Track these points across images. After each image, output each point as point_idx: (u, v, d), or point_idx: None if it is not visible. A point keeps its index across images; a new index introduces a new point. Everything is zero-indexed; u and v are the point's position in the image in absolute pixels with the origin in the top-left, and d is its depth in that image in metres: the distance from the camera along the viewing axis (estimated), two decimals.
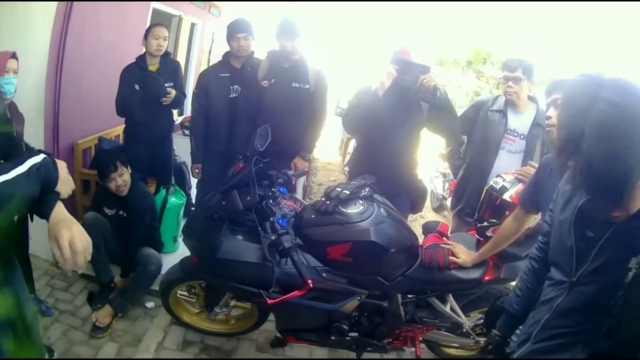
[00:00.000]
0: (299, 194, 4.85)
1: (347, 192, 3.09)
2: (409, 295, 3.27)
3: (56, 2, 4.53)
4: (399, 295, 3.19)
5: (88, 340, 3.94)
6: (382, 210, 3.10)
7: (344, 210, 3.03)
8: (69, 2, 4.65)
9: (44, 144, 4.78)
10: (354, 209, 3.03)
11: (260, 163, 3.17)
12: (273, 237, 2.83)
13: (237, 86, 4.74)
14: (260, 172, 3.17)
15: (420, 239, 3.44)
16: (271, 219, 2.95)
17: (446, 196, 8.16)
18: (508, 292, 3.13)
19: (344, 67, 14.65)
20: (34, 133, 4.35)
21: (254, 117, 4.55)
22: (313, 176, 9.09)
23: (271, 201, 3.16)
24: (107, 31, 5.73)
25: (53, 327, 4.05)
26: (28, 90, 4.42)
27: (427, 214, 7.81)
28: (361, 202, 3.11)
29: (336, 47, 15.53)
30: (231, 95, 4.76)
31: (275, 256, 2.83)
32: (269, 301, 2.83)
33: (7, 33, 4.22)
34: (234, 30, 4.61)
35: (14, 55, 3.47)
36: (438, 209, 8.58)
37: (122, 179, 4.22)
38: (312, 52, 4.87)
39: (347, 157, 9.77)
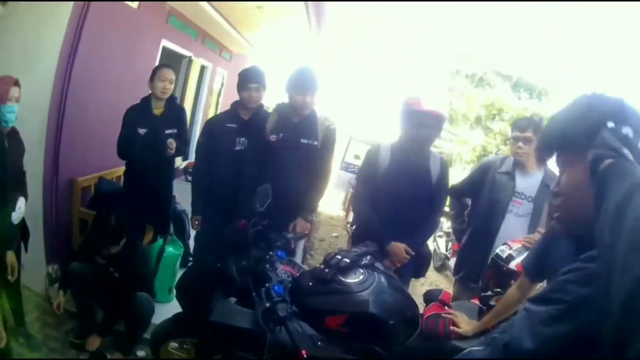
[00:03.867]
0: (299, 255, 4.77)
1: (347, 261, 2.98)
2: None
3: (64, 33, 4.47)
4: None
5: None
6: (382, 279, 2.99)
7: (343, 279, 2.92)
8: (77, 35, 4.59)
9: (43, 176, 4.68)
10: (354, 278, 2.93)
11: (258, 225, 3.11)
12: (268, 304, 2.74)
13: (244, 139, 4.57)
14: (258, 234, 3.09)
15: (421, 306, 3.32)
16: (267, 285, 2.85)
17: (449, 256, 8.08)
18: None
19: (355, 117, 14.72)
20: (33, 163, 4.24)
21: (259, 172, 4.36)
22: (315, 232, 8.98)
23: (268, 266, 3.06)
24: (115, 67, 5.68)
25: None
26: (31, 121, 4.32)
27: (430, 274, 7.65)
28: (362, 270, 3.00)
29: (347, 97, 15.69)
30: (237, 148, 4.57)
31: (269, 323, 2.72)
32: None
33: (15, 63, 4.15)
34: (247, 80, 4.44)
35: (16, 83, 3.42)
36: (440, 268, 8.49)
37: (116, 248, 4.06)
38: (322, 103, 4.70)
39: (350, 214, 9.62)
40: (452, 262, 6.86)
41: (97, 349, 4.12)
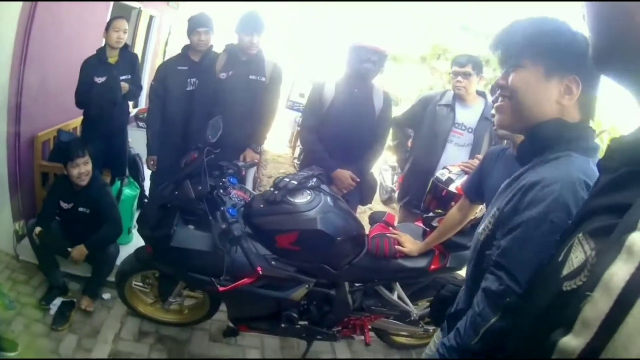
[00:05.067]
0: (249, 186, 4.81)
1: (295, 183, 3.14)
2: (357, 284, 3.34)
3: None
4: (347, 284, 3.27)
5: (49, 332, 3.94)
6: (329, 199, 3.16)
7: (292, 200, 3.08)
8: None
9: (6, 137, 4.71)
10: (302, 199, 3.09)
11: (211, 154, 3.20)
12: (223, 226, 2.87)
13: (194, 79, 4.75)
14: (212, 162, 3.19)
15: (367, 229, 3.47)
16: (221, 208, 2.98)
17: (395, 189, 8.25)
18: (454, 281, 3.15)
19: (300, 59, 14.69)
20: None
21: (211, 110, 4.46)
22: (263, 168, 9.15)
23: (221, 191, 3.19)
24: (69, 24, 5.66)
25: (16, 321, 4.04)
26: None
27: (376, 207, 7.86)
28: (309, 192, 3.16)
29: (293, 40, 15.57)
30: (188, 88, 4.76)
31: (225, 244, 2.87)
32: (220, 288, 2.88)
33: None
34: (195, 25, 4.64)
35: None
36: (387, 201, 8.71)
37: (86, 167, 4.17)
38: (270, 45, 4.84)
39: (297, 150, 9.96)
40: (397, 194, 7.09)
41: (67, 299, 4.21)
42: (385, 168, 8.83)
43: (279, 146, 11.49)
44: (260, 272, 2.76)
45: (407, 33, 14.79)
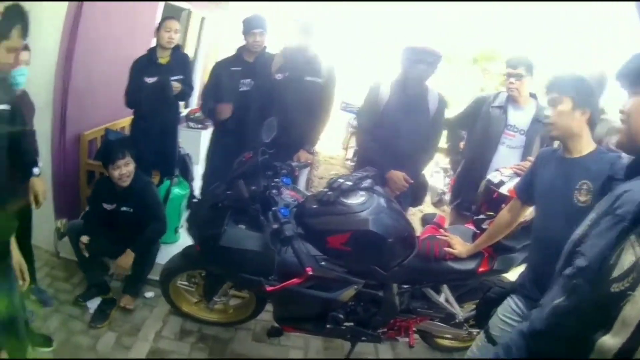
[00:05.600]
0: (301, 187, 4.95)
1: (349, 183, 3.19)
2: (405, 286, 3.37)
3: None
4: (395, 285, 3.29)
5: (87, 329, 4.02)
6: (382, 201, 3.19)
7: (345, 200, 3.12)
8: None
9: (51, 134, 4.86)
10: (355, 200, 3.13)
11: (266, 154, 3.28)
12: (275, 226, 2.92)
13: (249, 80, 4.85)
14: (266, 163, 3.28)
15: (418, 231, 3.53)
16: (274, 208, 3.05)
17: (446, 191, 8.27)
18: (500, 283, 3.11)
19: (353, 63, 14.79)
20: (42, 123, 4.43)
21: (265, 110, 4.56)
22: (315, 170, 9.16)
23: (274, 191, 3.28)
24: (117, 24, 5.78)
25: (53, 317, 4.12)
26: (39, 81, 4.50)
27: (427, 209, 7.87)
28: (362, 193, 3.19)
29: (346, 44, 15.66)
30: (242, 89, 4.85)
31: (276, 244, 2.92)
32: (268, 288, 2.95)
33: None
34: (251, 26, 4.75)
35: (26, 47, 3.57)
36: (438, 203, 8.67)
37: (127, 168, 4.23)
38: (325, 48, 5.03)
39: (350, 152, 10.06)
40: (448, 197, 7.08)
41: (108, 298, 4.33)
42: (436, 170, 8.82)
43: (331, 147, 11.52)
44: (310, 273, 2.84)
45: (459, 34, 14.86)
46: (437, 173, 8.76)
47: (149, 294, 4.58)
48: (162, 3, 7.01)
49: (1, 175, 2.17)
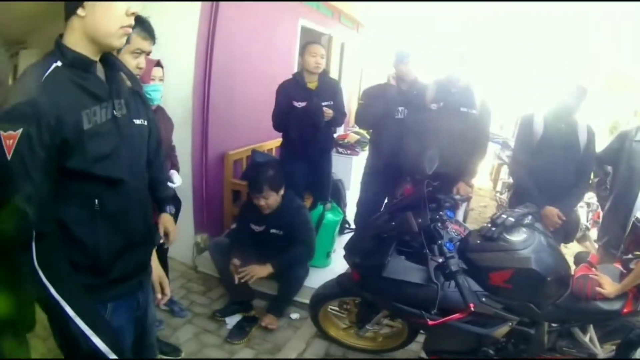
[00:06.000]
0: (459, 217, 5.08)
1: (512, 220, 3.35)
2: (554, 324, 3.51)
3: (199, 12, 5.11)
4: (546, 324, 3.45)
5: (222, 344, 4.36)
6: (542, 238, 3.34)
7: (508, 237, 3.30)
8: (213, 13, 5.24)
9: (192, 151, 5.31)
10: (518, 237, 3.30)
11: (430, 186, 3.43)
12: (440, 260, 3.10)
13: (402, 107, 5.19)
14: (429, 195, 3.40)
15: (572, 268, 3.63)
16: (439, 242, 3.21)
17: (589, 226, 8.30)
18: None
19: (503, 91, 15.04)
20: (181, 139, 4.83)
21: (419, 139, 4.72)
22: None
23: (439, 224, 3.42)
24: (255, 45, 6.23)
25: (184, 328, 4.53)
26: (176, 97, 4.95)
27: (570, 245, 7.67)
28: (524, 229, 3.37)
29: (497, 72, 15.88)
30: (397, 116, 5.19)
31: (439, 278, 3.09)
32: (430, 322, 3.11)
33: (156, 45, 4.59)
34: (404, 55, 5.09)
35: (158, 63, 3.85)
36: (581, 239, 8.51)
37: (266, 201, 4.57)
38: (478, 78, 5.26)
39: (499, 184, 10.12)
40: (592, 232, 7.14)
41: (252, 316, 4.70)
42: (580, 205, 8.32)
43: (478, 179, 11.46)
44: (473, 309, 2.96)
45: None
46: (581, 207, 8.55)
47: (295, 315, 4.83)
48: (299, 26, 7.50)
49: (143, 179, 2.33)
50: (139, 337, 2.36)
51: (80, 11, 1.86)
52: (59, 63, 1.87)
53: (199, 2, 5.15)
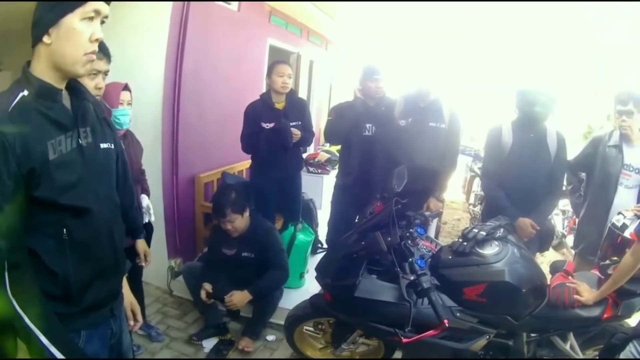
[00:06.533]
0: (431, 233, 5.13)
1: (484, 233, 3.38)
2: (533, 334, 3.52)
3: (167, 33, 5.11)
4: (524, 334, 3.46)
5: None
6: (515, 250, 3.35)
7: (480, 251, 3.32)
8: (182, 34, 5.23)
9: (162, 174, 5.28)
10: (490, 250, 3.32)
11: (399, 204, 3.45)
12: (412, 278, 3.06)
13: (370, 124, 5.16)
14: (398, 212, 3.40)
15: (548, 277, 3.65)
16: (410, 259, 3.16)
17: (566, 234, 8.34)
18: (622, 329, 3.34)
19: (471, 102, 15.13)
20: (151, 162, 4.85)
21: (388, 155, 4.83)
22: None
23: (409, 242, 3.40)
24: (224, 66, 6.23)
25: (162, 352, 4.55)
26: (145, 121, 4.95)
27: (547, 253, 7.59)
28: (496, 242, 3.38)
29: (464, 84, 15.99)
30: (365, 133, 5.15)
31: (412, 296, 3.06)
32: (404, 340, 3.08)
33: (121, 65, 4.35)
34: (373, 72, 5.06)
35: (126, 87, 3.85)
36: (557, 246, 8.61)
37: (232, 224, 4.60)
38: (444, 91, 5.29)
39: (471, 196, 10.19)
40: (568, 239, 7.10)
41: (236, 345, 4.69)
42: (555, 212, 8.57)
43: (451, 192, 11.42)
44: (447, 325, 2.93)
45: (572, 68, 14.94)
46: (557, 215, 8.69)
47: (271, 337, 4.85)
48: (268, 45, 7.55)
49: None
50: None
51: (46, 38, 1.85)
52: (25, 92, 1.86)
53: (168, 23, 5.19)
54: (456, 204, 11.41)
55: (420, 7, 10.49)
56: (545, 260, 4.96)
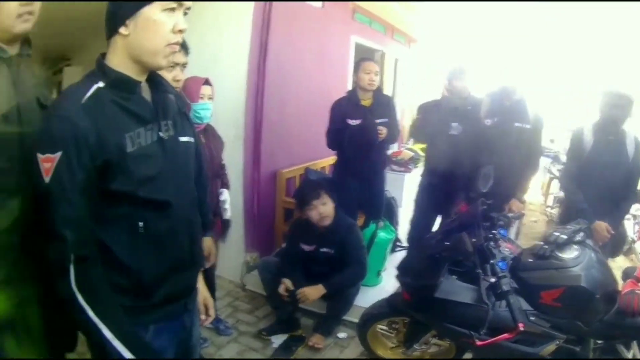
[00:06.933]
0: (511, 235, 5.06)
1: (565, 237, 3.37)
2: (599, 341, 3.49)
3: (250, 29, 5.26)
4: (592, 341, 3.43)
5: None
6: (592, 255, 3.35)
7: (560, 254, 3.32)
8: (264, 30, 5.37)
9: (243, 169, 5.43)
10: (569, 254, 3.32)
11: (484, 204, 3.48)
12: (492, 280, 3.11)
13: (456, 123, 5.16)
14: (483, 213, 3.44)
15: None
16: (491, 261, 3.21)
17: (635, 239, 8.11)
18: None
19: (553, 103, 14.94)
20: (233, 157, 4.96)
21: (474, 155, 4.82)
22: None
23: (492, 243, 3.43)
24: (308, 62, 6.36)
25: (228, 347, 4.57)
26: (227, 116, 5.07)
27: (617, 258, 7.46)
28: (575, 246, 3.38)
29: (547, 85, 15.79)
30: (451, 132, 5.17)
31: (491, 298, 3.10)
32: (479, 343, 3.13)
33: (202, 61, 4.54)
34: (459, 71, 5.16)
35: (207, 82, 3.88)
36: (627, 252, 8.32)
37: (324, 208, 4.56)
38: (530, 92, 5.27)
39: (549, 198, 10.08)
40: (638, 245, 7.02)
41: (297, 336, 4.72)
42: (627, 217, 7.97)
43: (529, 193, 11.19)
44: (522, 329, 2.94)
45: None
46: (628, 220, 8.06)
47: (342, 335, 4.81)
48: (352, 43, 7.64)
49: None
50: (181, 358, 2.31)
51: (122, 30, 1.83)
52: (100, 84, 1.85)
53: (250, 19, 5.32)
54: (534, 205, 11.11)
55: (504, 7, 10.39)
56: (615, 265, 4.87)
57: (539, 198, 11.34)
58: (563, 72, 17.54)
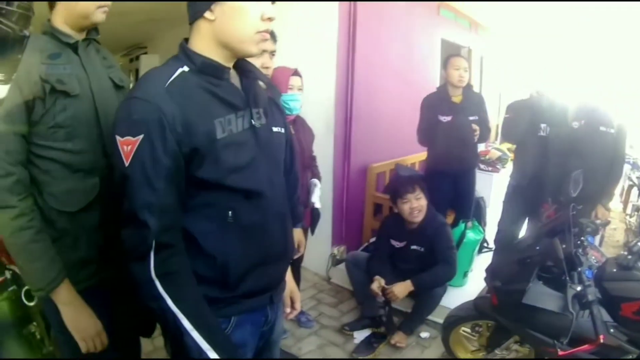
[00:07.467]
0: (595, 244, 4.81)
1: None
2: None
3: (337, 24, 5.29)
4: None
5: (347, 358, 4.34)
6: None
7: None
8: (352, 26, 5.38)
9: (333, 162, 5.48)
10: None
11: (575, 210, 3.36)
12: (579, 288, 3.03)
13: (545, 124, 4.94)
14: (572, 219, 3.32)
15: None
16: (579, 269, 3.13)
17: None
18: None
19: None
20: (323, 150, 4.98)
21: (562, 158, 4.66)
22: None
23: (580, 250, 3.31)
24: (395, 57, 6.36)
25: (308, 339, 4.54)
26: (317, 108, 5.12)
27: None
28: None
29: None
30: (540, 134, 4.96)
31: (575, 307, 3.00)
32: (560, 352, 3.07)
33: (292, 53, 4.52)
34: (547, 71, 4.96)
35: (296, 72, 3.82)
36: None
37: (418, 202, 4.48)
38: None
39: (628, 206, 9.75)
40: None
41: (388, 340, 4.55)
42: None
43: None
44: (602, 341, 2.88)
45: None
46: None
47: (425, 334, 4.68)
48: (439, 38, 7.61)
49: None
50: (261, 351, 2.23)
51: (208, 14, 1.77)
52: (185, 68, 1.79)
53: (337, 15, 5.35)
54: (613, 212, 10.69)
55: (588, 7, 10.18)
56: None
57: (618, 205, 10.81)
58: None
